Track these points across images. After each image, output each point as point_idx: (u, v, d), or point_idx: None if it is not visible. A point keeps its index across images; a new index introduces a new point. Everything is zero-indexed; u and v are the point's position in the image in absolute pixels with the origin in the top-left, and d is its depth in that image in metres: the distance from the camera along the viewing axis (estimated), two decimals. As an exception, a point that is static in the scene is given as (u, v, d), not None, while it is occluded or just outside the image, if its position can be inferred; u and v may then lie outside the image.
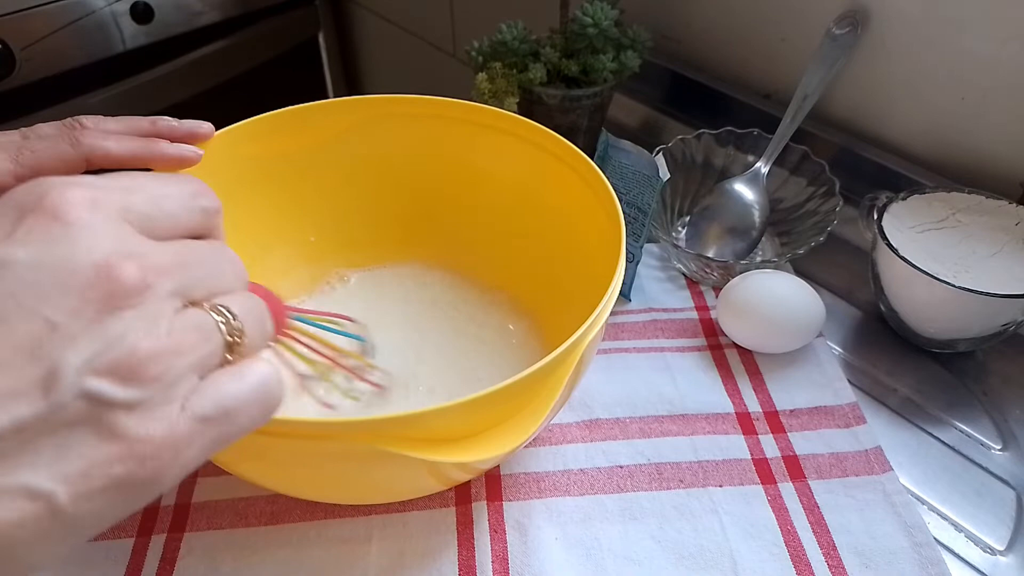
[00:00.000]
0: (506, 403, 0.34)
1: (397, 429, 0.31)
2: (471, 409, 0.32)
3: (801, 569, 0.41)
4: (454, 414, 0.32)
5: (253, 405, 0.23)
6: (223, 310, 0.23)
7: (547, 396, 0.35)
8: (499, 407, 0.34)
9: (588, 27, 0.64)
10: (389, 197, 0.56)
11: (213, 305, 0.23)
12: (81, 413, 0.19)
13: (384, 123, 0.53)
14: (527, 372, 0.33)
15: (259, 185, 0.51)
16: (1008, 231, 0.52)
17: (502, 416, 0.34)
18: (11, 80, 0.95)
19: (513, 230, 0.54)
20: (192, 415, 0.21)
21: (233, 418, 0.22)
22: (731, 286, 0.53)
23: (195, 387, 0.22)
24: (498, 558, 0.41)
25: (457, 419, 0.33)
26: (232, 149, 0.47)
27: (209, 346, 0.22)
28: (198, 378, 0.22)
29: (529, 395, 0.35)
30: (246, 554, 0.42)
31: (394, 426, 0.31)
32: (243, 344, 0.23)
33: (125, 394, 0.20)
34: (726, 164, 0.64)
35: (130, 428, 0.20)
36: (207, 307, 0.23)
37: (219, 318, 0.23)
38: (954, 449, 0.48)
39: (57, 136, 0.39)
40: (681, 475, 0.46)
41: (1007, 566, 0.42)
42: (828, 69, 0.61)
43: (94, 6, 0.99)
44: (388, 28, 1.26)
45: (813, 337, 0.52)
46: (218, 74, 1.16)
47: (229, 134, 0.47)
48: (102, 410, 0.19)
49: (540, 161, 0.50)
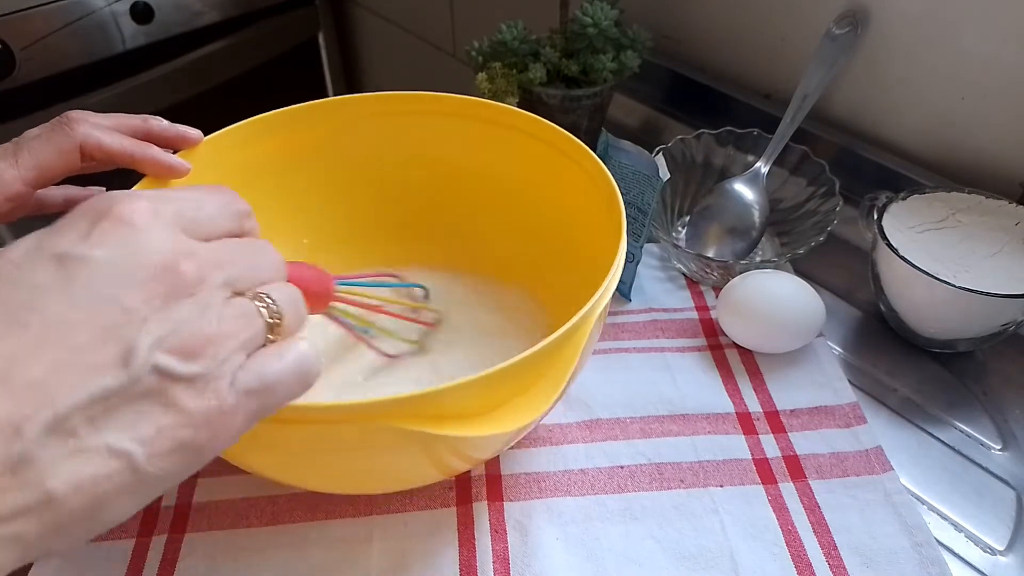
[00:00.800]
0: (525, 375, 0.34)
1: (415, 407, 0.32)
2: (491, 382, 0.33)
3: (802, 569, 0.41)
4: (471, 389, 0.32)
5: (291, 379, 0.26)
6: (264, 297, 0.26)
7: (564, 365, 0.35)
8: (519, 378, 0.34)
9: (588, 27, 0.64)
10: (385, 198, 0.56)
11: (256, 294, 0.26)
12: (152, 385, 0.23)
13: (377, 121, 0.53)
14: (547, 341, 0.33)
15: (250, 188, 0.51)
16: (1008, 231, 0.52)
17: (521, 388, 0.35)
18: (11, 80, 0.95)
19: (514, 224, 0.54)
20: (239, 388, 0.24)
21: (274, 390, 0.26)
22: (731, 286, 0.53)
23: (242, 364, 0.25)
24: (499, 558, 0.42)
25: (476, 393, 0.33)
26: (222, 154, 0.47)
27: (253, 329, 0.25)
28: (245, 356, 0.25)
29: (547, 365, 0.35)
30: (247, 555, 0.42)
31: (412, 404, 0.31)
32: (282, 326, 0.27)
33: (186, 368, 0.23)
34: (726, 164, 0.64)
35: (188, 399, 0.23)
36: (250, 295, 0.26)
37: (261, 305, 0.26)
38: (954, 449, 0.48)
39: (49, 130, 0.40)
40: (682, 475, 0.46)
41: (1007, 566, 0.42)
42: (828, 69, 0.61)
43: (94, 6, 0.99)
44: (388, 28, 1.26)
45: (813, 337, 0.52)
46: (218, 74, 1.16)
47: (219, 139, 0.47)
48: (168, 383, 0.23)
49: (538, 153, 0.50)
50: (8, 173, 0.38)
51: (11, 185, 0.39)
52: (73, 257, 0.23)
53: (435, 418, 0.32)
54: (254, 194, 0.51)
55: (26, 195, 0.39)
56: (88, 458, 0.22)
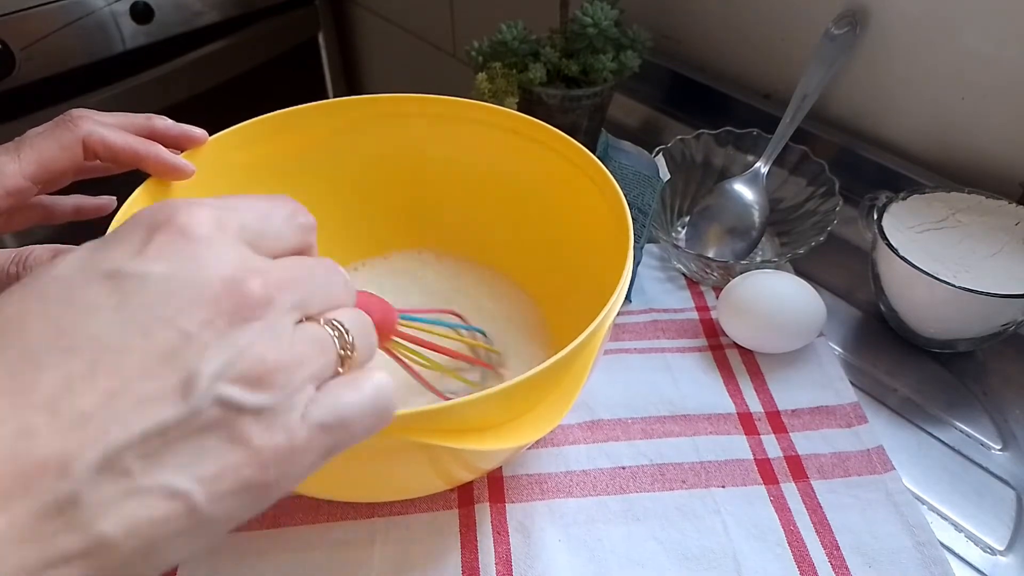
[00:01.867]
0: (541, 387, 0.35)
1: (434, 421, 0.32)
2: (503, 398, 0.33)
3: (804, 569, 0.41)
4: (485, 405, 0.32)
5: (368, 414, 0.24)
6: (336, 324, 0.24)
7: (577, 376, 0.35)
8: (536, 391, 0.35)
9: (588, 27, 0.64)
10: (385, 199, 0.56)
11: (327, 319, 0.24)
12: (215, 418, 0.20)
13: (380, 124, 0.53)
14: (559, 356, 0.33)
15: (251, 188, 0.51)
16: (1008, 231, 0.52)
17: (537, 400, 0.35)
18: (11, 80, 0.95)
19: (517, 227, 0.54)
20: (312, 422, 0.22)
21: (349, 426, 0.23)
22: (732, 286, 0.53)
23: (313, 397, 0.23)
24: (501, 560, 0.42)
25: (491, 408, 0.33)
26: (224, 154, 0.47)
27: (325, 358, 0.23)
28: (315, 388, 0.23)
29: (560, 377, 0.35)
30: (248, 558, 0.42)
31: (431, 419, 0.31)
32: (353, 357, 0.24)
33: (254, 400, 0.21)
34: (726, 164, 0.65)
35: (256, 434, 0.21)
36: (322, 321, 0.24)
37: (333, 332, 0.24)
38: (954, 449, 0.48)
39: (52, 126, 0.40)
40: (683, 476, 0.46)
41: (1007, 566, 0.42)
42: (827, 69, 0.61)
43: (94, 6, 0.99)
44: (388, 28, 1.26)
45: (814, 337, 0.52)
46: (218, 74, 1.15)
47: (221, 139, 0.47)
48: (232, 415, 0.21)
49: (542, 158, 0.50)
50: (9, 167, 0.38)
51: (12, 178, 0.38)
52: (127, 274, 0.21)
53: (455, 432, 0.32)
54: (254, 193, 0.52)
55: (27, 190, 0.39)
56: (143, 499, 0.20)
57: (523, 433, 0.34)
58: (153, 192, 0.43)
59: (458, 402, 0.32)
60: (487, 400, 0.32)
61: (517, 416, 0.34)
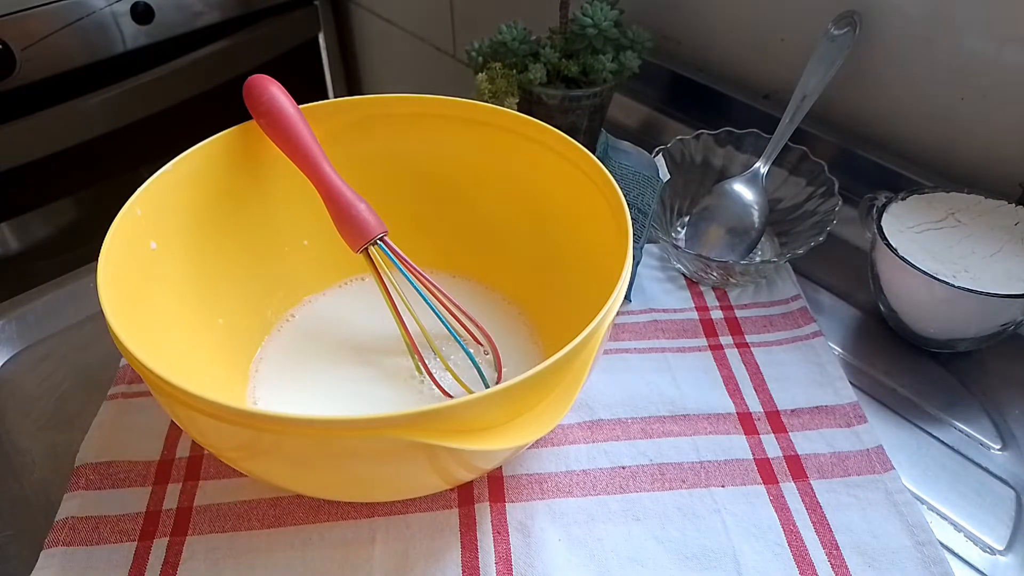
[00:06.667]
0: (541, 387, 0.35)
1: (433, 421, 0.32)
2: (503, 398, 0.33)
3: (804, 569, 0.41)
4: (485, 405, 0.33)
5: None
6: None
7: (577, 375, 0.36)
8: (535, 391, 0.35)
9: (588, 27, 0.64)
10: (385, 200, 0.55)
11: None
12: None
13: (381, 124, 0.53)
14: (559, 356, 0.34)
15: (251, 188, 0.51)
16: (1008, 231, 0.52)
17: (536, 400, 0.35)
18: (11, 80, 0.95)
19: (516, 228, 0.54)
20: None
21: None
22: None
23: None
24: (501, 559, 0.42)
25: (496, 404, 0.33)
26: (226, 154, 0.47)
27: None
28: None
29: (559, 377, 0.35)
30: (249, 557, 0.42)
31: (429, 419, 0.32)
32: None
33: None
34: (725, 164, 0.65)
35: None
36: None
37: None
38: (954, 449, 0.48)
39: None
40: (683, 475, 0.46)
41: (1007, 566, 0.42)
42: (827, 69, 0.61)
43: (94, 6, 0.99)
44: (388, 28, 1.26)
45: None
46: (218, 74, 1.15)
47: (224, 139, 0.47)
48: None
49: (542, 158, 0.50)
50: None
51: None
52: None
53: (455, 432, 0.32)
54: (256, 194, 0.52)
55: None
56: None
57: (523, 433, 0.34)
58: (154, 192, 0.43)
59: (458, 402, 0.32)
60: (487, 400, 0.32)
61: (517, 416, 0.35)
